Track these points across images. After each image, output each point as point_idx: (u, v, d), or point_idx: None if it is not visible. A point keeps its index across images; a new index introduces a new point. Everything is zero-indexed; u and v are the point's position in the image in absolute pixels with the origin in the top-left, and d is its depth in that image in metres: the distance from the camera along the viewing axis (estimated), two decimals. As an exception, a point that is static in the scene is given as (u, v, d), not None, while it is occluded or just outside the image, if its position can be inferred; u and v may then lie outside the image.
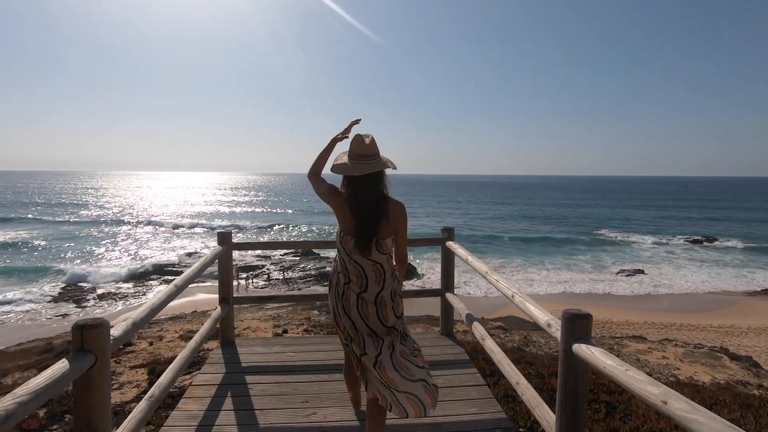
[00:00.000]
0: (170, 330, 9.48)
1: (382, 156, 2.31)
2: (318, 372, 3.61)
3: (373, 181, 2.26)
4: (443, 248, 4.18)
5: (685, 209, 63.58)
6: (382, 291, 2.27)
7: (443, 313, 4.47)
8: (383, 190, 2.30)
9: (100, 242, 32.08)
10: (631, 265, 24.98)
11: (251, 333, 8.83)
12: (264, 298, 4.89)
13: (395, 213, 2.28)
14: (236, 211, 58.70)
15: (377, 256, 2.25)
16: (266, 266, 25.25)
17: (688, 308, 17.80)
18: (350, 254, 2.27)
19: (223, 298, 4.15)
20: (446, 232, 4.16)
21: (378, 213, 2.22)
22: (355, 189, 2.26)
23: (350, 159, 2.26)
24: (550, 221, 48.11)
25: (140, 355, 5.50)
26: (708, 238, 35.36)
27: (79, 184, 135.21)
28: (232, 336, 4.34)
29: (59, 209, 56.33)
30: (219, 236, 4.07)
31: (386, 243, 2.26)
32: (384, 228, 2.23)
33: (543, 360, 5.03)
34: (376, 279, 2.27)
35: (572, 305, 16.76)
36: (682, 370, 7.02)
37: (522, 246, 31.49)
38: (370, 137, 2.27)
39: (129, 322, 2.07)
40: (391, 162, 2.33)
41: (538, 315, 2.26)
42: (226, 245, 4.02)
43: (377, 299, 2.26)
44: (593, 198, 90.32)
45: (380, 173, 2.30)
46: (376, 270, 2.27)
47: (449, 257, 4.23)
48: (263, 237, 35.96)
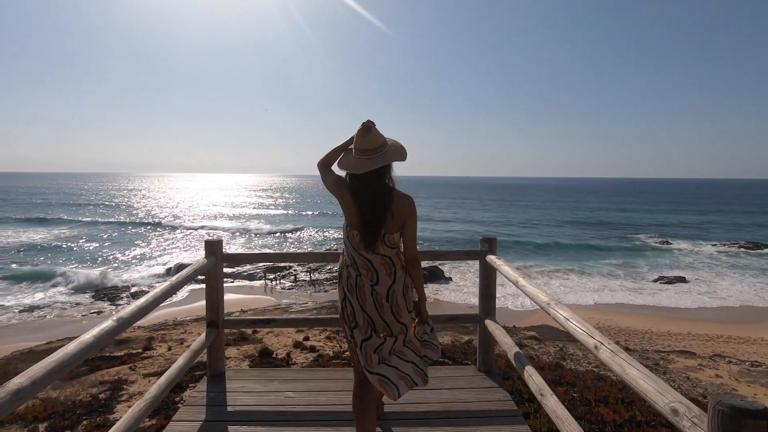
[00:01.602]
0: (193, 333, 9.39)
1: (392, 144, 2.24)
2: (322, 423, 2.87)
3: (374, 176, 2.18)
4: (482, 263, 3.41)
5: (726, 213, 60.37)
6: (394, 284, 2.23)
7: (482, 344, 3.60)
8: (387, 183, 2.22)
9: (138, 243, 32.97)
10: (671, 272, 23.70)
11: (273, 337, 8.64)
12: (260, 322, 3.97)
13: (401, 207, 2.20)
14: (265, 214, 59.50)
15: (385, 250, 2.21)
16: (293, 267, 25.25)
17: (734, 319, 16.63)
18: (357, 249, 2.22)
19: (211, 322, 3.43)
20: (486, 244, 3.39)
21: (381, 209, 2.15)
22: (357, 184, 2.21)
23: (355, 153, 2.21)
24: (583, 225, 46.51)
25: (156, 361, 5.32)
26: (756, 244, 33.31)
27: (120, 186, 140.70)
28: (221, 367, 3.59)
29: (99, 209, 58.56)
30: (207, 246, 3.33)
31: (393, 238, 2.20)
32: (390, 223, 2.17)
33: (585, 379, 4.54)
34: (386, 272, 2.23)
35: (608, 314, 15.84)
36: (739, 391, 6.33)
37: (553, 251, 30.45)
38: (372, 129, 2.17)
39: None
40: (399, 152, 2.23)
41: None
42: (214, 257, 3.31)
43: (389, 293, 2.22)
44: (625, 201, 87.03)
45: (384, 167, 2.20)
46: (385, 263, 2.22)
47: (490, 275, 3.42)
48: (287, 242, 36.15)
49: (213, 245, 3.36)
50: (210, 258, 3.29)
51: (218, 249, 3.37)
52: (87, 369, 4.97)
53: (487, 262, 3.33)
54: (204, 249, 3.36)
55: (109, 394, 4.01)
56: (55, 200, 72.52)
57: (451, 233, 38.85)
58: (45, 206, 60.81)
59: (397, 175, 2.28)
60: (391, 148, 2.20)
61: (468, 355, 5.33)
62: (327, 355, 5.18)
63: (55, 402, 3.75)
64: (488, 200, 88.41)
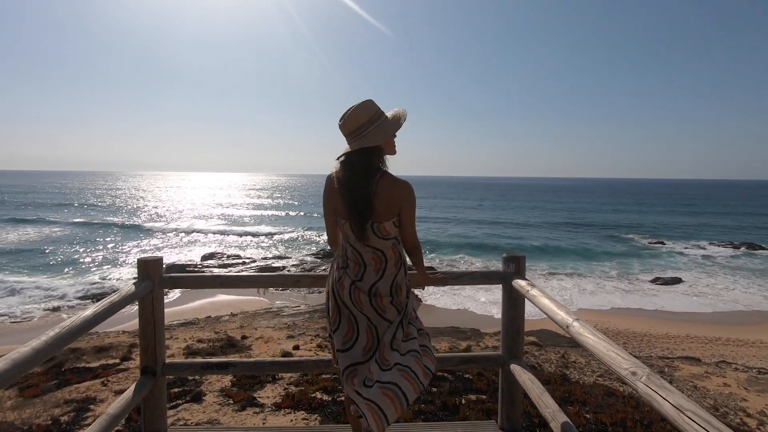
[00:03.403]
0: (179, 338, 8.98)
1: (383, 121, 2.00)
2: None
3: (357, 157, 1.96)
4: (507, 290, 2.59)
5: (720, 214, 60.65)
6: (379, 281, 2.03)
7: (506, 395, 2.69)
8: (373, 165, 1.98)
9: (107, 246, 32.29)
10: (666, 273, 23.59)
11: (263, 344, 8.25)
12: (213, 366, 2.71)
13: (391, 192, 1.96)
14: (253, 215, 58.93)
15: (377, 242, 2.00)
16: (287, 268, 24.89)
17: (732, 320, 16.50)
18: (348, 240, 2.05)
19: (147, 368, 2.51)
20: (513, 264, 2.57)
21: (365, 193, 1.93)
22: (344, 171, 2.00)
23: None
24: (577, 226, 46.44)
25: (132, 374, 4.91)
26: (750, 244, 33.35)
27: (109, 185, 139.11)
28: (161, 427, 2.62)
29: (80, 210, 57.66)
30: (140, 267, 2.48)
31: (384, 227, 1.96)
32: (380, 210, 1.94)
33: (596, 395, 4.20)
34: (375, 267, 2.03)
35: (606, 317, 15.59)
36: (749, 401, 6.04)
37: (547, 252, 30.21)
38: (352, 108, 1.98)
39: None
40: (389, 128, 1.99)
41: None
42: (149, 281, 2.45)
43: (371, 290, 2.02)
44: (619, 202, 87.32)
45: (364, 149, 1.96)
46: (376, 258, 2.03)
47: (517, 305, 2.57)
48: (279, 245, 35.62)
49: (148, 265, 2.47)
50: (144, 282, 2.41)
51: (156, 270, 2.50)
52: (55, 384, 4.57)
53: (514, 289, 2.51)
54: (137, 269, 2.48)
55: (72, 416, 3.61)
56: (37, 200, 70.89)
57: (446, 236, 38.59)
58: (21, 206, 59.35)
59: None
60: (381, 124, 1.97)
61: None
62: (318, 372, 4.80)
63: (10, 427, 3.35)
64: (481, 200, 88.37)
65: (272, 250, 31.05)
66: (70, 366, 5.73)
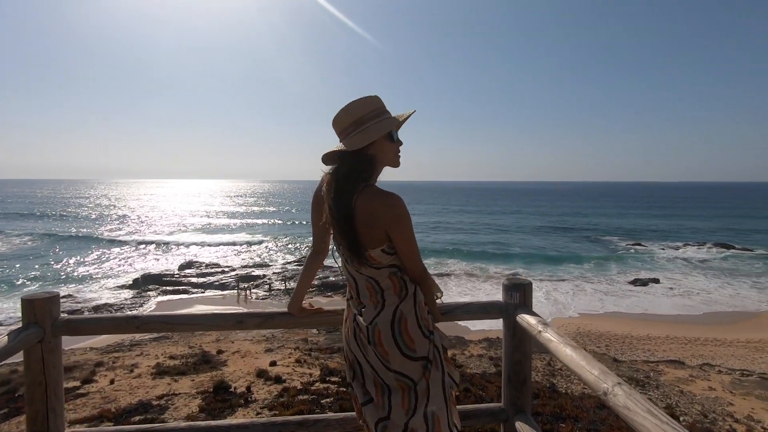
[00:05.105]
0: (150, 354, 8.53)
1: (376, 121, 1.53)
2: None
3: (338, 169, 1.54)
4: (510, 326, 2.06)
5: (695, 217, 62.35)
6: (379, 315, 1.54)
7: None
8: (353, 176, 1.51)
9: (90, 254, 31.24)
10: (645, 275, 24.00)
11: (240, 359, 7.88)
12: None
13: (370, 211, 1.47)
14: (234, 223, 57.96)
15: (369, 271, 1.55)
16: (267, 276, 24.38)
17: (709, 320, 16.80)
18: (344, 264, 1.62)
19: None
20: (517, 293, 2.04)
21: (341, 214, 1.49)
22: (330, 176, 1.57)
23: None
24: (557, 230, 47.07)
25: (91, 401, 4.51)
26: (724, 245, 34.28)
27: (79, 193, 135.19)
28: None
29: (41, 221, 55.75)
30: (25, 308, 1.82)
31: (371, 256, 1.51)
32: (363, 234, 1.48)
33: (587, 409, 4.02)
34: (370, 297, 1.58)
35: (588, 319, 15.62)
36: (736, 405, 5.98)
37: (528, 256, 30.44)
38: (346, 107, 1.54)
39: None
40: (381, 128, 1.51)
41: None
42: (38, 329, 1.80)
43: (369, 328, 1.54)
44: (597, 205, 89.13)
45: (346, 155, 1.52)
46: (371, 286, 1.58)
47: (523, 345, 2.04)
48: (261, 252, 34.97)
49: (37, 306, 1.82)
50: (30, 330, 1.77)
51: (48, 312, 1.83)
52: (5, 414, 4.16)
53: (519, 326, 1.97)
54: (21, 311, 1.83)
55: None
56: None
57: (430, 240, 38.57)
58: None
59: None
60: (371, 126, 1.52)
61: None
62: (294, 388, 4.51)
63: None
64: (465, 205, 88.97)
65: (253, 258, 30.45)
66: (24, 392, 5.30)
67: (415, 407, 1.51)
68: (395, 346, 1.50)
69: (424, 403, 1.52)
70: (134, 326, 1.95)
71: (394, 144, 1.56)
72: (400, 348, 1.51)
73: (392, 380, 1.52)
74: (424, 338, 1.54)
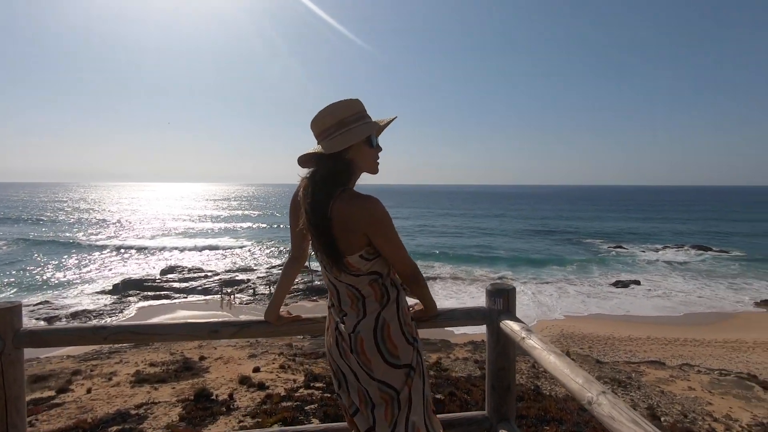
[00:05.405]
0: (130, 362, 8.33)
1: (356, 125, 1.49)
2: None
3: (315, 172, 1.51)
4: (493, 333, 2.03)
5: (674, 220, 63.80)
6: (360, 323, 1.50)
7: None
8: (330, 180, 1.48)
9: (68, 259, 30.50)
10: (625, 276, 24.42)
11: (222, 365, 7.74)
12: None
13: (348, 215, 1.43)
14: (218, 227, 57.25)
15: (348, 278, 1.51)
16: (252, 280, 24.11)
17: (689, 321, 17.16)
18: (324, 271, 1.58)
19: None
20: (500, 299, 2.02)
21: (317, 219, 1.45)
22: (307, 180, 1.53)
23: None
24: (539, 233, 47.63)
25: (66, 411, 4.37)
26: (699, 246, 35.14)
27: (55, 197, 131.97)
28: None
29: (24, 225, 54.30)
30: None
31: (349, 262, 1.47)
32: (340, 240, 1.44)
33: (570, 411, 4.04)
34: (352, 305, 1.54)
35: (572, 321, 15.80)
36: (714, 405, 6.11)
37: (510, 259, 30.72)
38: (327, 108, 1.49)
39: None
40: (363, 131, 1.49)
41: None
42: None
43: (352, 336, 1.50)
44: (578, 208, 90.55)
45: (324, 158, 1.49)
46: (351, 294, 1.53)
47: (507, 352, 2.02)
48: (244, 256, 34.58)
49: None
50: None
51: (8, 323, 1.77)
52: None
53: (502, 332, 1.95)
54: None
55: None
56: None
57: (414, 244, 38.63)
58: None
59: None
60: (352, 129, 1.48)
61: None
62: (277, 395, 4.44)
63: None
64: (448, 208, 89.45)
65: (237, 262, 30.07)
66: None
67: (397, 418, 1.49)
68: (378, 354, 1.47)
69: (405, 412, 1.49)
70: (101, 337, 1.86)
71: (374, 149, 1.53)
72: (383, 356, 1.47)
73: (375, 391, 1.48)
74: (408, 345, 1.52)
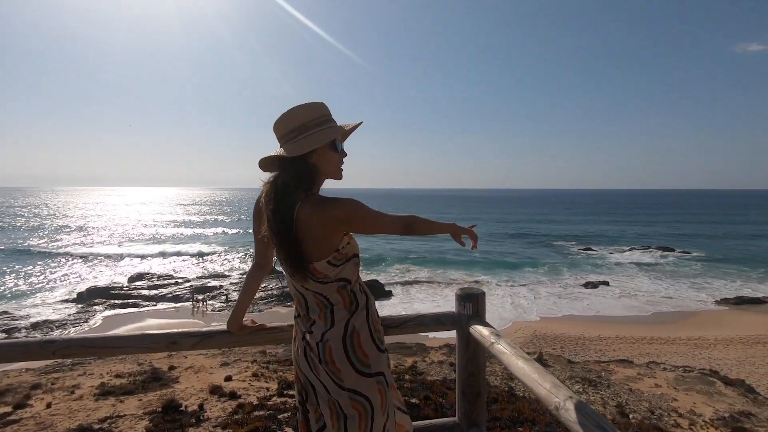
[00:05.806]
0: (94, 374, 7.99)
1: (321, 129, 1.44)
2: None
3: (277, 177, 1.45)
4: (463, 338, 2.03)
5: (639, 223, 66.11)
6: (329, 331, 1.45)
7: None
8: (293, 185, 1.41)
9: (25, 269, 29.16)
10: (595, 278, 25.09)
11: (193, 375, 7.52)
12: None
13: (317, 219, 1.38)
14: (188, 232, 55.91)
15: (315, 285, 1.45)
16: (224, 287, 23.59)
17: (654, 320, 17.76)
18: (289, 279, 1.52)
19: None
20: (469, 303, 2.01)
21: (280, 226, 1.40)
22: (269, 185, 1.47)
23: None
24: (510, 236, 48.48)
25: (24, 428, 4.13)
26: (664, 248, 36.49)
27: (22, 202, 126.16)
28: None
29: None
30: None
31: (316, 268, 1.42)
32: (306, 245, 1.40)
33: (545, 413, 4.10)
34: (320, 313, 1.48)
35: (544, 323, 16.06)
36: (679, 401, 6.34)
37: (483, 262, 31.10)
38: (289, 111, 1.45)
39: None
40: (328, 134, 1.44)
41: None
42: None
43: (320, 345, 1.45)
44: (548, 211, 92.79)
45: (286, 162, 1.44)
46: (319, 302, 1.47)
47: (477, 357, 2.01)
48: (216, 262, 33.84)
49: None
50: None
51: None
52: None
53: (472, 337, 1.94)
54: None
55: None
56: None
57: (389, 248, 38.66)
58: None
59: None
60: (315, 133, 1.43)
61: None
62: (249, 404, 4.34)
63: None
64: (423, 212, 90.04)
65: (209, 269, 29.39)
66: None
67: (372, 429, 1.45)
68: (348, 363, 1.42)
69: (381, 423, 1.47)
70: (49, 352, 1.73)
71: (338, 155, 1.48)
72: (353, 364, 1.43)
73: (347, 401, 1.43)
74: (379, 353, 1.49)
